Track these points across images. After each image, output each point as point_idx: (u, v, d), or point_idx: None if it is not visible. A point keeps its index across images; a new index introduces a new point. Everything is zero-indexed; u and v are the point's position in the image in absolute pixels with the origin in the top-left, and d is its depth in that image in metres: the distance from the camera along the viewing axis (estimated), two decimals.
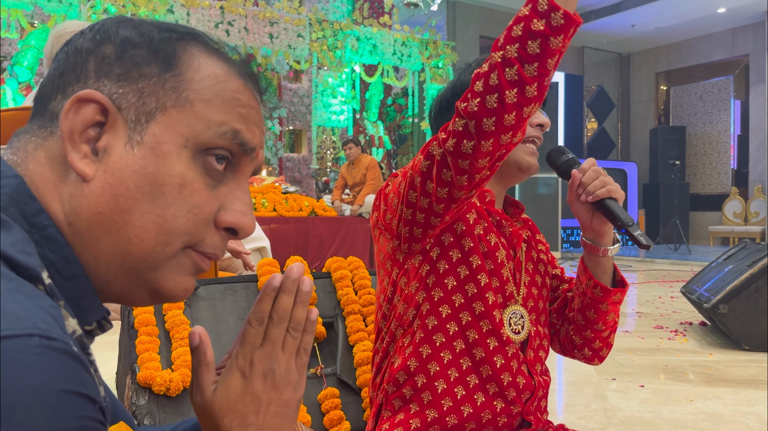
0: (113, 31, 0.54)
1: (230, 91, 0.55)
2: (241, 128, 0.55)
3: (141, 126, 0.52)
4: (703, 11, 11.43)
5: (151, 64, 0.53)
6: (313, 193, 9.77)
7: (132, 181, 0.50)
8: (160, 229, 0.52)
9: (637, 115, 14.03)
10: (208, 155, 0.53)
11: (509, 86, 0.89)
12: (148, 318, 1.41)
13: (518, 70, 0.88)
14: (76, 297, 0.50)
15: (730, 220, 11.29)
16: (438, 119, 1.25)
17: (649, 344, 3.68)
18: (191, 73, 0.54)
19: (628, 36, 13.03)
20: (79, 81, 0.52)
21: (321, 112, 10.00)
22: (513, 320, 1.16)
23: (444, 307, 1.11)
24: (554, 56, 0.89)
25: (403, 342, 1.14)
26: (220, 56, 0.57)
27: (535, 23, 0.87)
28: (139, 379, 1.31)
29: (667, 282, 6.61)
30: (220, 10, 8.85)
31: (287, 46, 9.52)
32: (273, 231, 5.62)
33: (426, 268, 1.13)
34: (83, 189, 0.50)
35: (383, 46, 10.46)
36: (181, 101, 0.53)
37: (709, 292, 3.77)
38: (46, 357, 0.37)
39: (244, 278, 1.58)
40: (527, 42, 0.87)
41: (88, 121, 0.51)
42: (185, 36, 0.56)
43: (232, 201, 0.56)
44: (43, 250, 0.48)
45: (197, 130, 0.53)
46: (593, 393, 2.71)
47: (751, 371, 3.08)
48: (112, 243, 0.51)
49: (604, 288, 1.16)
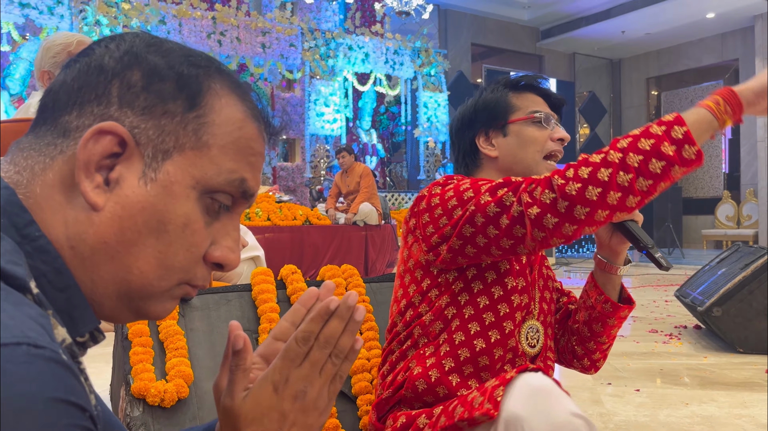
0: (142, 56, 0.53)
1: (245, 138, 0.56)
2: (248, 177, 0.57)
3: (157, 163, 0.52)
4: (692, 17, 11.51)
5: (177, 101, 0.53)
6: (307, 202, 9.77)
7: (141, 216, 0.51)
8: (160, 264, 0.53)
9: (629, 120, 14.10)
10: (212, 197, 0.55)
11: (616, 188, 0.91)
12: (142, 329, 1.40)
13: (632, 179, 0.91)
14: (68, 308, 0.50)
15: (722, 224, 11.33)
16: (460, 135, 1.29)
17: (644, 348, 3.69)
18: (213, 116, 0.54)
19: (619, 42, 13.11)
20: (100, 103, 0.52)
21: (314, 120, 10.01)
22: (530, 334, 1.19)
23: (473, 324, 1.13)
24: (669, 181, 0.92)
25: (425, 351, 1.15)
26: (239, 95, 0.57)
27: (666, 146, 0.90)
28: (133, 390, 1.31)
29: (661, 286, 6.63)
30: (212, 20, 8.87)
31: (279, 56, 9.54)
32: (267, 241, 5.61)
33: (459, 285, 1.14)
34: (92, 217, 0.51)
35: (375, 55, 10.49)
36: (200, 144, 0.54)
37: (703, 295, 3.78)
38: (35, 366, 0.37)
39: (239, 287, 1.58)
40: (651, 158, 0.90)
41: (105, 152, 0.51)
42: (212, 71, 0.56)
43: (223, 236, 0.57)
44: (35, 261, 0.48)
45: (209, 175, 0.54)
46: (589, 398, 2.71)
47: (745, 374, 3.09)
48: (112, 271, 0.52)
49: (615, 304, 1.22)
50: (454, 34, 12.20)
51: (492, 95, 1.27)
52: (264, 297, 1.55)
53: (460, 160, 1.30)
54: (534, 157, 1.22)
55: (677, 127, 0.91)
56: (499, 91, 1.27)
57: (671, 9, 11.16)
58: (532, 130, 1.23)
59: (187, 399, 1.35)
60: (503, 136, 1.24)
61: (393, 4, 9.23)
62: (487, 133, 1.25)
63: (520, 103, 1.25)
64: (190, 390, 1.36)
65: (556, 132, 1.24)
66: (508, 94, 1.26)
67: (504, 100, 1.25)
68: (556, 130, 1.24)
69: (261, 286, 1.57)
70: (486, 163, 1.26)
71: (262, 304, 1.54)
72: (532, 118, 1.23)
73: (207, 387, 1.39)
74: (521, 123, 1.23)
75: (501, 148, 1.24)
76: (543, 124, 1.23)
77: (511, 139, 1.23)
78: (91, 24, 7.88)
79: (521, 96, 1.26)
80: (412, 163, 11.44)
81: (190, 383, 1.36)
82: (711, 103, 0.97)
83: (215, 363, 1.44)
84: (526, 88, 1.27)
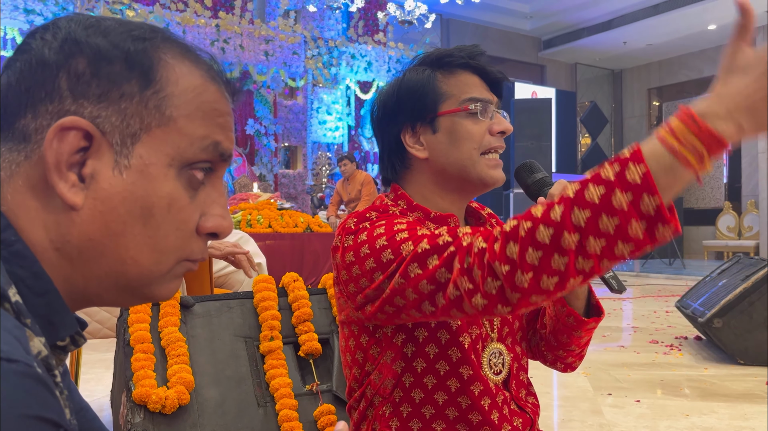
0: (83, 41, 0.51)
1: (208, 102, 0.55)
2: (221, 139, 0.55)
3: (127, 149, 0.50)
4: (694, 28, 11.56)
5: (131, 81, 0.51)
6: (309, 209, 9.77)
7: (123, 206, 0.50)
8: (153, 250, 0.52)
9: (630, 130, 14.12)
10: (191, 169, 0.53)
11: (575, 274, 0.72)
12: (144, 336, 1.41)
13: (594, 265, 0.71)
14: (48, 313, 0.49)
15: (723, 235, 11.33)
16: (382, 128, 1.08)
17: (645, 359, 3.68)
18: (171, 87, 0.53)
19: (620, 53, 13.16)
20: (52, 100, 0.49)
21: (316, 128, 10.03)
22: (492, 361, 1.05)
23: (429, 378, 1.00)
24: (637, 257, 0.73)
25: (383, 411, 1.03)
26: (192, 59, 0.55)
27: (634, 226, 0.67)
28: (135, 397, 1.31)
29: (662, 296, 6.62)
30: (216, 28, 8.91)
31: (282, 64, 9.57)
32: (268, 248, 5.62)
33: (402, 337, 1.00)
34: (72, 217, 0.49)
35: (378, 63, 10.53)
36: (165, 120, 0.52)
37: (704, 307, 3.77)
38: (8, 381, 0.37)
39: (240, 295, 1.59)
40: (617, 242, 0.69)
41: (73, 149, 0.49)
42: (158, 42, 0.54)
43: (210, 205, 0.56)
44: (12, 266, 0.47)
45: (182, 148, 0.52)
46: (589, 409, 2.70)
47: (746, 385, 3.08)
48: (105, 266, 0.51)
49: (578, 317, 1.05)
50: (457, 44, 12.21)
51: (417, 78, 1.04)
52: (265, 304, 1.56)
53: (385, 160, 1.09)
54: (470, 155, 1.02)
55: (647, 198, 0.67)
56: (425, 73, 1.04)
57: (673, 20, 11.21)
58: (466, 124, 1.01)
59: (188, 405, 1.35)
60: (432, 133, 1.03)
61: (396, 13, 9.27)
62: (414, 129, 1.04)
63: (451, 89, 1.02)
64: (191, 396, 1.36)
65: (497, 123, 1.03)
66: (436, 76, 1.03)
67: (431, 85, 1.03)
68: (497, 119, 1.03)
69: (263, 294, 1.58)
70: (416, 164, 1.06)
71: (264, 312, 1.55)
72: (466, 109, 1.02)
73: (208, 394, 1.40)
74: (453, 116, 1.02)
75: (431, 148, 1.03)
76: (479, 116, 1.02)
77: (442, 135, 1.02)
78: None
79: (452, 78, 1.03)
80: None
81: (191, 390, 1.36)
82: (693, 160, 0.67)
83: (216, 370, 1.44)
84: (458, 67, 1.04)
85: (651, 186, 0.66)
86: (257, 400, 1.43)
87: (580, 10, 11.92)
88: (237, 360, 1.47)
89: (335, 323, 1.61)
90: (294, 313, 1.58)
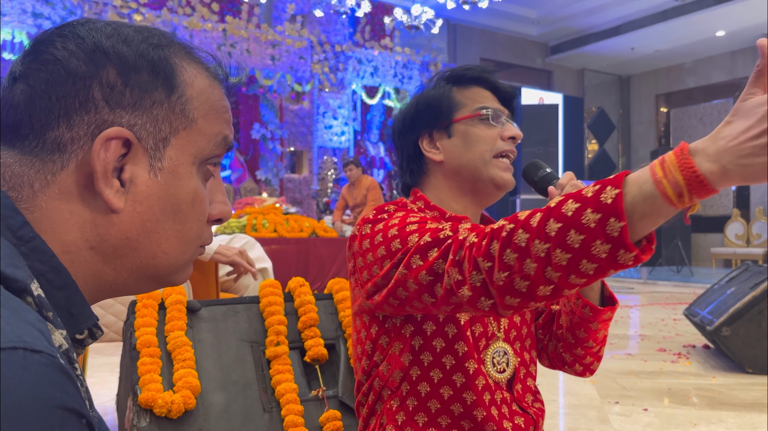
0: (109, 50, 0.53)
1: (216, 100, 0.59)
2: (227, 132, 0.60)
3: (159, 152, 0.54)
4: (702, 34, 11.53)
5: (158, 89, 0.54)
6: (314, 214, 9.78)
7: (158, 205, 0.54)
8: (180, 241, 0.57)
9: (637, 136, 14.09)
10: (208, 164, 0.59)
11: (545, 283, 0.74)
12: (150, 340, 1.40)
13: (561, 277, 0.73)
14: (68, 305, 0.51)
15: (732, 242, 11.27)
16: (402, 137, 1.16)
17: (653, 367, 3.66)
18: (189, 91, 0.57)
19: (628, 58, 13.14)
20: (88, 110, 0.51)
21: (322, 133, 10.04)
22: (496, 359, 1.08)
23: (435, 371, 1.03)
24: (602, 277, 0.74)
25: (391, 405, 1.07)
26: (198, 61, 0.59)
27: (598, 246, 0.69)
28: (141, 401, 1.31)
29: (669, 304, 6.59)
30: (223, 32, 8.94)
31: (289, 68, 9.60)
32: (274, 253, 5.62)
33: (410, 329, 1.04)
34: (112, 219, 0.53)
35: (384, 68, 10.54)
36: (189, 122, 0.56)
37: (712, 315, 3.75)
38: (32, 371, 0.37)
39: (246, 299, 1.58)
40: (582, 260, 0.70)
41: (116, 157, 0.52)
42: (174, 48, 0.57)
43: (214, 194, 0.61)
44: (32, 262, 0.48)
45: (201, 146, 0.57)
46: (596, 417, 2.68)
47: (754, 394, 3.06)
48: (137, 259, 0.55)
49: (594, 307, 1.09)
50: (464, 49, 12.26)
51: (434, 92, 1.14)
52: (272, 309, 1.55)
53: (404, 166, 1.17)
54: (482, 156, 1.09)
55: (613, 222, 0.68)
56: (442, 87, 1.13)
57: (681, 27, 11.19)
58: (479, 129, 1.10)
59: (193, 410, 1.35)
60: (448, 137, 1.11)
61: (402, 18, 9.28)
62: (431, 135, 1.13)
63: (465, 99, 1.12)
64: (197, 401, 1.36)
65: (507, 130, 1.10)
66: (451, 89, 1.13)
67: (447, 96, 1.12)
68: (507, 127, 1.11)
69: (269, 299, 1.57)
70: (432, 168, 1.14)
71: (270, 316, 1.54)
72: (479, 115, 1.10)
73: (214, 399, 1.39)
74: (467, 121, 1.10)
75: (446, 151, 1.11)
76: (491, 122, 1.10)
77: (456, 140, 1.10)
78: None
79: (467, 91, 1.13)
80: None
81: (197, 394, 1.36)
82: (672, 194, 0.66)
83: (222, 375, 1.43)
84: (472, 82, 1.13)
85: (619, 210, 0.67)
86: (263, 405, 1.43)
87: (588, 16, 11.91)
88: (243, 365, 1.47)
89: (341, 328, 1.60)
90: (300, 318, 1.58)
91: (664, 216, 0.68)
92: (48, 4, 7.70)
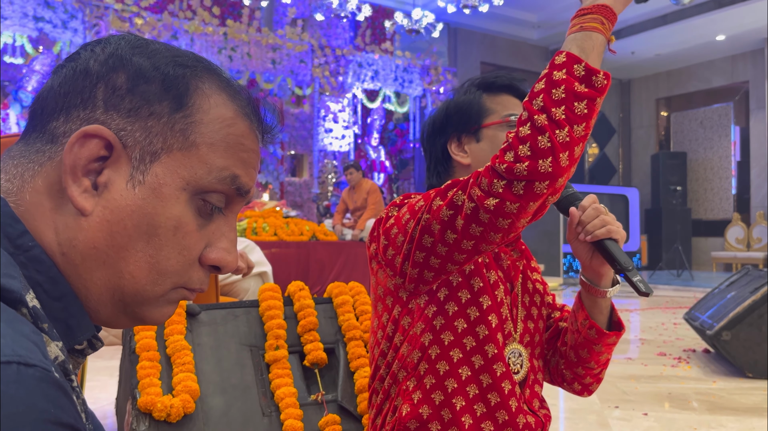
0: (127, 58, 0.53)
1: (235, 135, 0.55)
2: (240, 173, 0.56)
3: (144, 165, 0.52)
4: (702, 38, 11.54)
5: (163, 102, 0.53)
6: (314, 218, 9.78)
7: (130, 220, 0.51)
8: (152, 269, 0.52)
9: (638, 140, 14.10)
10: (204, 197, 0.54)
11: (562, 149, 0.85)
12: (150, 344, 1.40)
13: (569, 131, 0.85)
14: (65, 317, 0.50)
15: (732, 246, 11.27)
16: (431, 141, 1.21)
17: (653, 371, 3.65)
18: (200, 115, 0.54)
19: (628, 62, 13.15)
20: (86, 107, 0.52)
21: (323, 136, 10.05)
22: (512, 360, 1.11)
23: (455, 351, 1.06)
24: (595, 115, 0.89)
25: (407, 386, 1.08)
26: (229, 93, 0.57)
27: (578, 86, 0.86)
28: (140, 405, 1.30)
29: (670, 308, 6.58)
30: (224, 36, 8.96)
31: (290, 72, 9.61)
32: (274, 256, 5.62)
33: (433, 309, 1.07)
34: (80, 222, 0.50)
35: (385, 72, 10.55)
36: (188, 144, 0.53)
37: (712, 319, 3.74)
38: (26, 386, 0.37)
39: (246, 303, 1.58)
40: (573, 104, 0.85)
41: (92, 156, 0.50)
42: (199, 70, 0.55)
43: (218, 238, 0.56)
44: (29, 271, 0.48)
45: (198, 174, 0.53)
46: (596, 421, 2.68)
47: (754, 399, 3.05)
48: (104, 277, 0.52)
49: (600, 330, 1.11)
50: (464, 53, 12.27)
51: (465, 97, 1.18)
52: (271, 313, 1.55)
53: (431, 168, 1.22)
54: None
55: (576, 66, 0.86)
56: (472, 93, 1.18)
57: (681, 31, 11.20)
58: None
59: (193, 414, 1.35)
60: (476, 142, 1.16)
61: (403, 22, 9.30)
62: (460, 139, 1.17)
63: (495, 106, 1.16)
64: (196, 405, 1.36)
65: None
66: (481, 96, 1.17)
67: (477, 102, 1.17)
68: None
69: (268, 302, 1.57)
70: (459, 170, 1.18)
71: (269, 320, 1.54)
72: (508, 121, 1.14)
73: (213, 403, 1.39)
74: (495, 127, 1.15)
75: (473, 154, 1.15)
76: None
77: (485, 144, 1.15)
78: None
79: (496, 98, 1.17)
80: (419, 180, 11.45)
81: (196, 398, 1.36)
82: (597, 25, 0.90)
83: (222, 379, 1.43)
84: (502, 89, 1.18)
85: (575, 57, 0.88)
86: (262, 409, 1.43)
87: None
88: (242, 368, 1.47)
89: (341, 333, 1.60)
90: (299, 322, 1.58)
91: (601, 44, 0.90)
92: (49, 7, 7.71)
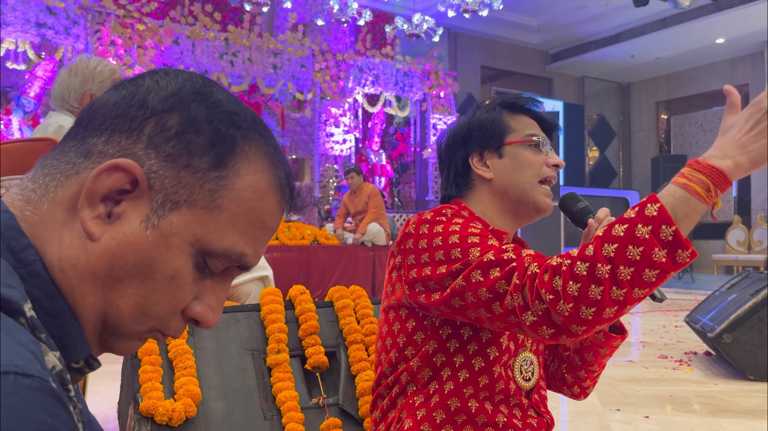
0: (186, 102, 0.53)
1: (260, 211, 0.55)
2: (248, 252, 0.55)
3: (163, 211, 0.52)
4: (702, 42, 11.56)
5: (203, 158, 0.52)
6: (316, 222, 9.79)
7: (133, 257, 0.51)
8: (138, 308, 0.53)
9: (638, 143, 14.10)
10: (205, 258, 0.54)
11: (611, 304, 0.84)
12: (152, 348, 1.41)
13: (627, 292, 0.84)
14: (60, 335, 0.49)
15: (733, 248, 11.26)
16: (451, 154, 1.24)
17: (654, 374, 3.65)
18: (234, 179, 0.53)
19: (628, 66, 13.17)
20: (130, 137, 0.52)
21: (323, 141, 10.07)
22: (524, 367, 1.15)
23: (463, 372, 1.09)
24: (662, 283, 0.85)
25: (414, 400, 1.11)
26: (271, 162, 0.56)
27: (657, 253, 0.81)
28: (142, 409, 1.31)
29: (671, 311, 6.58)
30: (225, 41, 8.98)
31: (291, 77, 9.63)
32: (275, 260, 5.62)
33: (448, 331, 1.10)
34: (86, 245, 0.50)
35: (385, 77, 10.57)
36: (212, 206, 0.53)
37: (713, 322, 3.75)
38: (23, 396, 0.37)
39: (247, 307, 1.59)
40: (645, 269, 0.82)
41: (115, 187, 0.50)
42: (251, 134, 0.55)
43: (207, 294, 0.56)
44: (28, 286, 0.48)
45: (210, 238, 0.53)
46: (597, 424, 2.68)
47: (756, 401, 3.05)
48: (95, 302, 0.51)
49: (607, 333, 1.18)
50: (464, 57, 12.29)
51: (487, 114, 1.22)
52: (273, 317, 1.56)
53: (450, 179, 1.25)
54: (530, 181, 1.18)
55: (665, 227, 0.81)
56: (495, 111, 1.22)
57: (681, 34, 11.22)
58: (528, 154, 1.19)
59: (194, 418, 1.35)
60: (499, 158, 1.20)
61: (404, 26, 9.32)
62: (482, 154, 1.21)
63: (516, 125, 1.21)
64: (198, 409, 1.36)
65: (552, 158, 1.20)
66: (503, 114, 1.22)
67: (500, 120, 1.21)
68: (552, 155, 1.21)
69: (270, 306, 1.58)
70: (479, 184, 1.21)
71: (271, 324, 1.55)
72: (530, 141, 1.19)
73: (215, 407, 1.40)
74: (518, 145, 1.19)
75: (496, 170, 1.19)
76: (539, 148, 1.20)
77: (507, 161, 1.19)
78: (106, 44, 7.99)
79: (516, 117, 1.22)
80: (420, 183, 11.47)
81: (198, 402, 1.36)
82: (702, 192, 0.84)
83: (223, 383, 1.44)
84: (522, 110, 1.23)
85: (667, 217, 0.82)
86: (264, 413, 1.43)
87: (588, 24, 11.95)
88: (244, 372, 1.47)
89: (342, 336, 1.61)
90: (301, 326, 1.58)
91: (698, 213, 0.84)
92: (51, 13, 7.74)
